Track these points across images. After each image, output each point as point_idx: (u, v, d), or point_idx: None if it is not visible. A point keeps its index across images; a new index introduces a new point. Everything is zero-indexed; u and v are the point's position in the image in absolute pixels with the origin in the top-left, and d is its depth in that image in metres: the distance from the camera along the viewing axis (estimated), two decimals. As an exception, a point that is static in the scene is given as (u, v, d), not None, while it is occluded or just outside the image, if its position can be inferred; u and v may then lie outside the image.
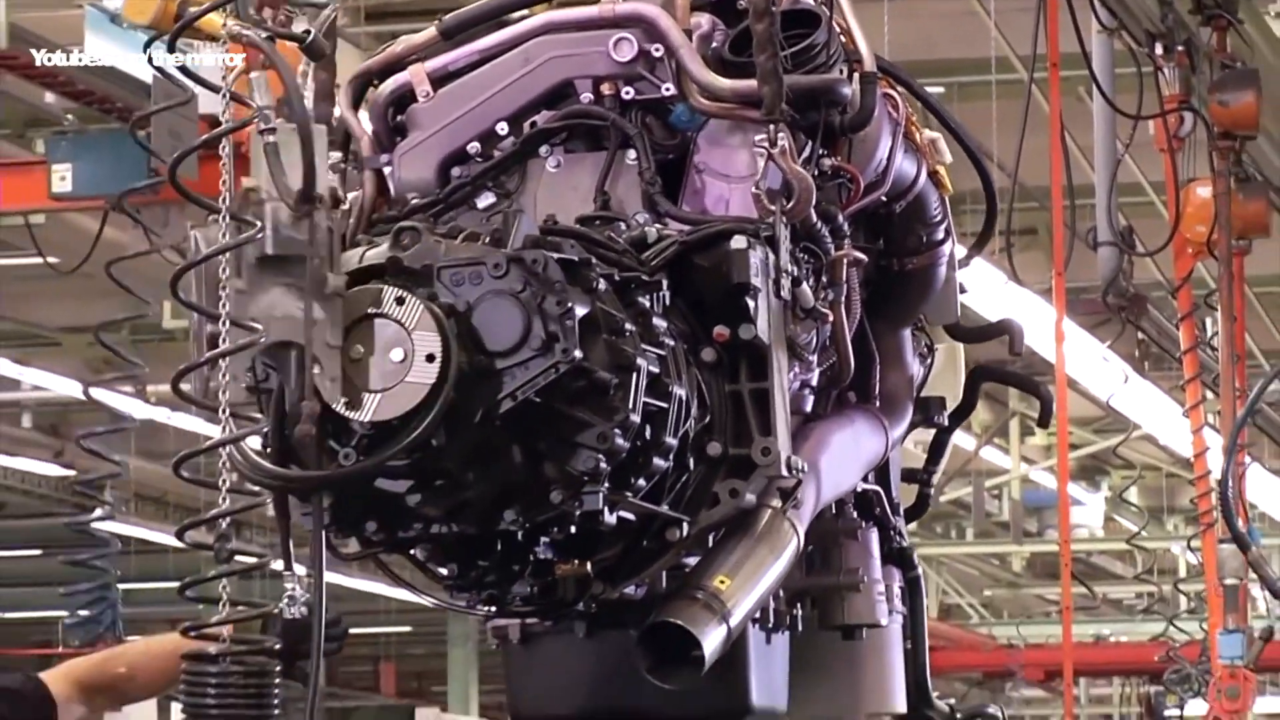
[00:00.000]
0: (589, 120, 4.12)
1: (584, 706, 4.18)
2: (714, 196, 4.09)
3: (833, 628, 4.49)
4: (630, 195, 4.05)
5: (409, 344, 3.51)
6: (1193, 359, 14.22)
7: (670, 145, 4.13)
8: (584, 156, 4.12)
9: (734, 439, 3.88)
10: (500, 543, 3.74)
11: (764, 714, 4.23)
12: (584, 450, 3.61)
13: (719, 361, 3.89)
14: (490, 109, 4.15)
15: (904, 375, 4.74)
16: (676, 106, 4.10)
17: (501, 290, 3.57)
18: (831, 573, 4.42)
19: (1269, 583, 12.83)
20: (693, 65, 4.04)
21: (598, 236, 3.84)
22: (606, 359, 3.62)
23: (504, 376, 3.55)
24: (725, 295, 3.90)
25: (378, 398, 3.50)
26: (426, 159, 4.17)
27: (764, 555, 3.85)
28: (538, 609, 3.92)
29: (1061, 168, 13.71)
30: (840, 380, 4.39)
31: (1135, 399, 17.95)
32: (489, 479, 3.61)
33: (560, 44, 4.14)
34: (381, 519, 3.68)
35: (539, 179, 4.12)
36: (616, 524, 3.72)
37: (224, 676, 3.77)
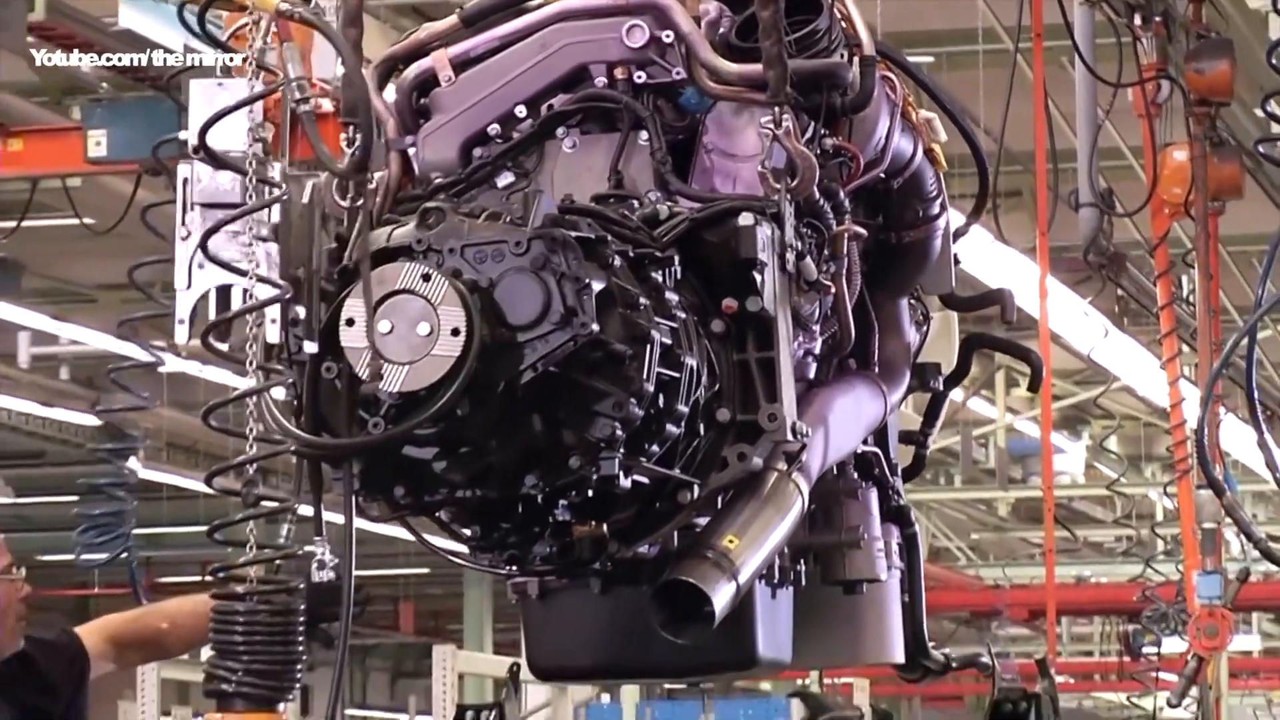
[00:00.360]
0: (603, 103, 4.12)
1: (599, 659, 4.21)
2: (722, 175, 4.09)
3: (834, 583, 4.49)
4: (643, 174, 4.06)
5: (435, 319, 3.51)
6: (1170, 314, 14.24)
7: (680, 127, 4.12)
8: (598, 138, 4.12)
9: (742, 405, 3.89)
10: (521, 506, 3.73)
11: (769, 665, 4.27)
12: (601, 418, 3.62)
13: (727, 332, 3.90)
14: (509, 93, 4.14)
15: (901, 343, 4.74)
16: (686, 90, 4.10)
17: (523, 267, 3.59)
18: (833, 530, 4.43)
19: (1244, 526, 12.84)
20: (701, 50, 4.04)
21: (612, 215, 3.84)
22: (622, 331, 3.62)
23: (525, 349, 3.56)
24: (734, 269, 3.90)
25: (405, 369, 3.52)
26: (449, 140, 4.16)
27: (770, 515, 3.86)
28: (556, 568, 3.91)
29: (1045, 133, 13.74)
30: (841, 348, 4.39)
31: (1115, 352, 17.95)
32: (511, 446, 3.61)
33: (575, 31, 4.13)
34: (409, 484, 3.68)
35: (556, 159, 4.11)
36: (631, 487, 3.72)
37: (251, 614, 3.78)
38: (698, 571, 3.72)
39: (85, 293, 21.13)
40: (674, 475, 3.80)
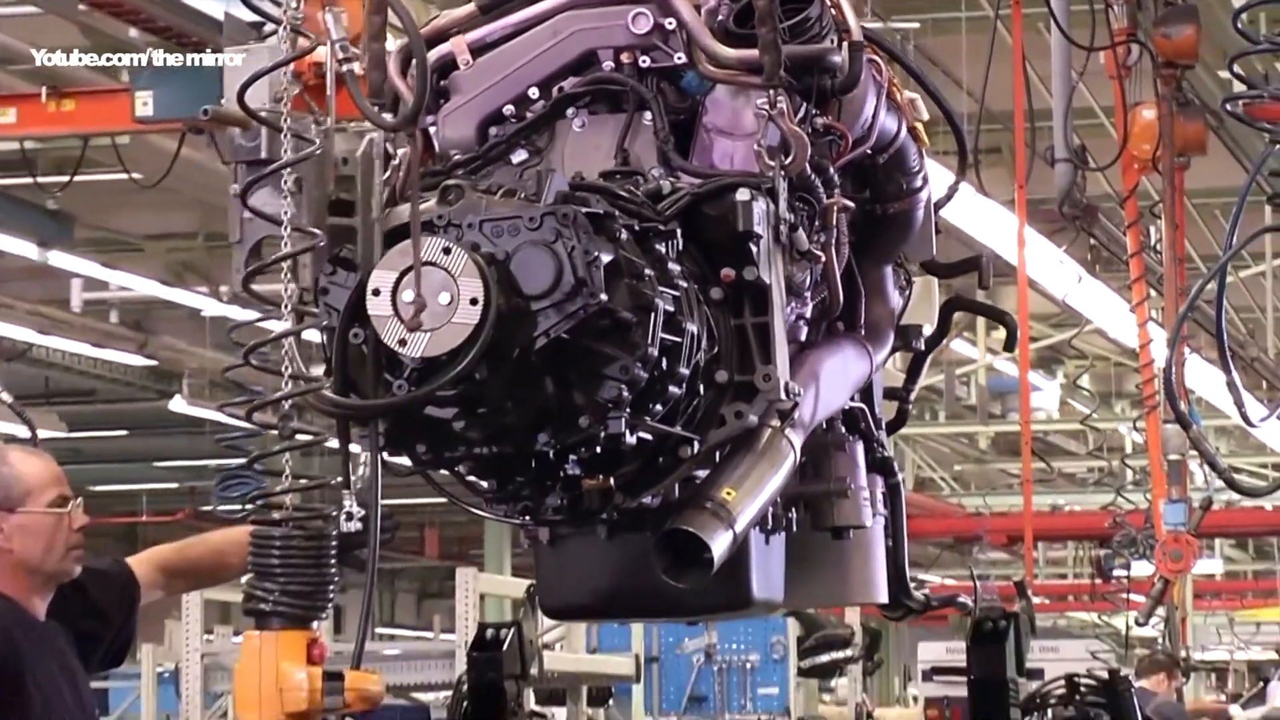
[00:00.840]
0: (610, 86, 4.12)
1: (604, 600, 4.26)
2: (720, 153, 4.08)
3: (823, 529, 4.50)
4: (647, 152, 4.05)
5: (455, 289, 3.52)
6: (1138, 262, 14.26)
7: (682, 108, 4.12)
8: (606, 118, 4.12)
9: (739, 367, 3.90)
10: (534, 461, 3.75)
11: (763, 605, 4.31)
12: (609, 381, 3.63)
13: (725, 299, 3.91)
14: (523, 76, 4.15)
15: (886, 306, 4.75)
16: (687, 73, 4.10)
17: (536, 241, 3.59)
18: (822, 481, 4.43)
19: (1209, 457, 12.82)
20: (702, 37, 4.04)
21: (619, 191, 3.84)
22: (628, 300, 3.63)
23: (538, 317, 3.57)
24: (731, 241, 3.91)
25: (427, 336, 3.53)
26: (467, 120, 4.17)
27: (765, 469, 3.87)
28: (566, 518, 3.93)
29: (1023, 94, 13.75)
30: (830, 312, 4.40)
31: (1087, 297, 17.92)
32: (525, 406, 3.62)
33: (585, 18, 4.14)
34: (430, 441, 3.70)
35: (566, 138, 4.12)
36: (636, 444, 3.73)
37: (287, 539, 3.78)
38: (698, 521, 3.73)
39: (133, 242, 21.11)
40: (675, 432, 3.81)
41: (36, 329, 20.18)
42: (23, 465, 5.27)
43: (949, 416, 27.09)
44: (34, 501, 5.18)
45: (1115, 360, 23.67)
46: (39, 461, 5.33)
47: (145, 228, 20.71)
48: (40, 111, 14.78)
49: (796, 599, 4.54)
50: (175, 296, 21.11)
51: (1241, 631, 24.82)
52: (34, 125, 15.06)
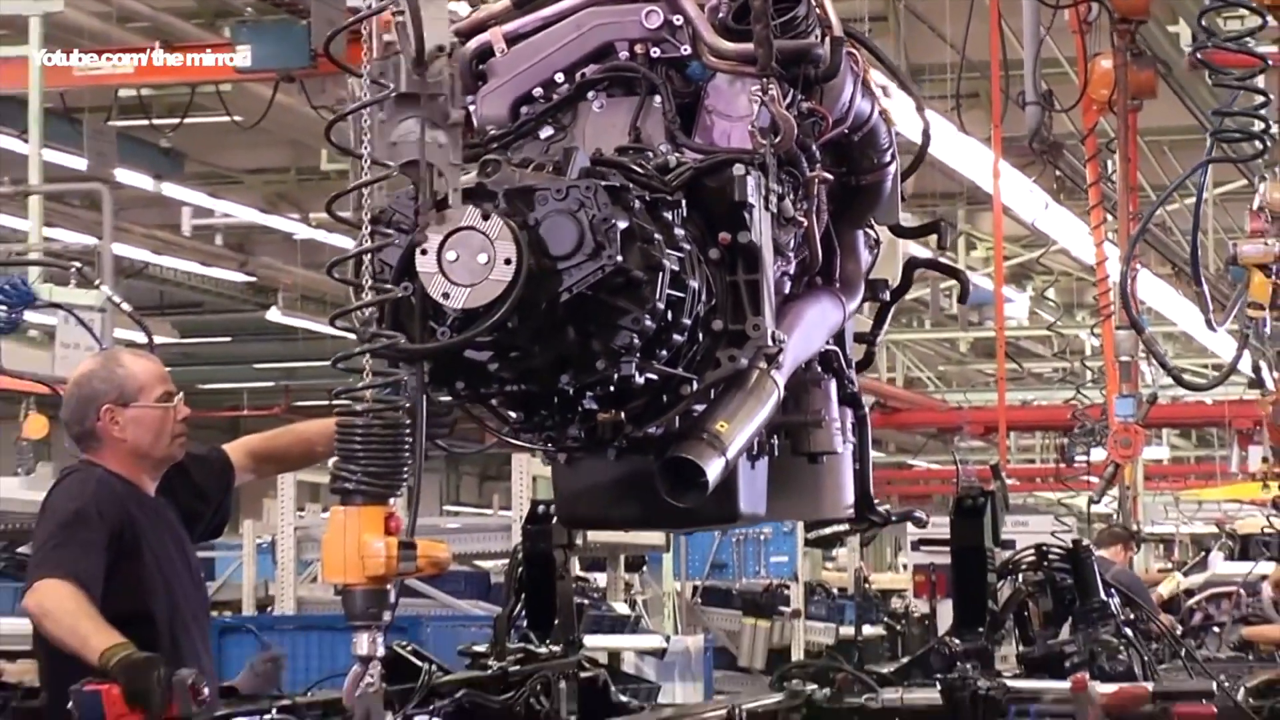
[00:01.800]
0: (625, 73, 4.13)
1: (613, 513, 4.29)
2: (719, 132, 4.09)
3: (801, 454, 4.52)
4: (656, 131, 4.06)
5: (492, 250, 3.53)
6: (1096, 191, 14.31)
7: (686, 93, 4.12)
8: (621, 100, 4.12)
9: (732, 317, 3.91)
10: (556, 398, 3.77)
11: (749, 518, 4.31)
12: (622, 330, 3.65)
13: (722, 259, 3.91)
14: (550, 63, 4.16)
15: (857, 264, 4.75)
16: (692, 63, 4.11)
17: (562, 210, 3.60)
18: (801, 413, 4.44)
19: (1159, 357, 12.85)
20: (704, 32, 4.05)
21: (633, 165, 3.84)
22: (640, 261, 3.64)
23: (563, 275, 3.58)
24: (728, 209, 3.92)
25: (467, 290, 3.54)
26: (501, 100, 4.17)
27: (753, 405, 3.88)
28: (583, 446, 3.94)
29: (998, 46, 13.74)
30: (810, 269, 4.40)
31: (1053, 221, 17.91)
32: (550, 351, 3.65)
33: (604, 14, 4.15)
34: (469, 379, 3.72)
35: (586, 117, 4.12)
36: (644, 383, 3.75)
37: (368, 427, 3.78)
38: (696, 449, 3.75)
39: (234, 175, 21.13)
40: (677, 373, 3.82)
41: (152, 250, 20.23)
42: (134, 366, 5.34)
43: (933, 324, 27.11)
44: (145, 397, 5.26)
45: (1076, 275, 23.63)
46: (147, 362, 5.41)
47: (244, 163, 20.75)
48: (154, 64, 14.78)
49: (777, 513, 4.53)
50: (271, 222, 21.17)
51: (1185, 509, 24.76)
52: (149, 76, 15.08)
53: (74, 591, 4.96)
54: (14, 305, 9.37)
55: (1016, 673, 5.91)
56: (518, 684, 4.39)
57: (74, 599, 4.95)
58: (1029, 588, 6.47)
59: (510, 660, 4.56)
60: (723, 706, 4.85)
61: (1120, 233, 14.16)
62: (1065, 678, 5.45)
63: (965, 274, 5.41)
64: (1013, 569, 6.44)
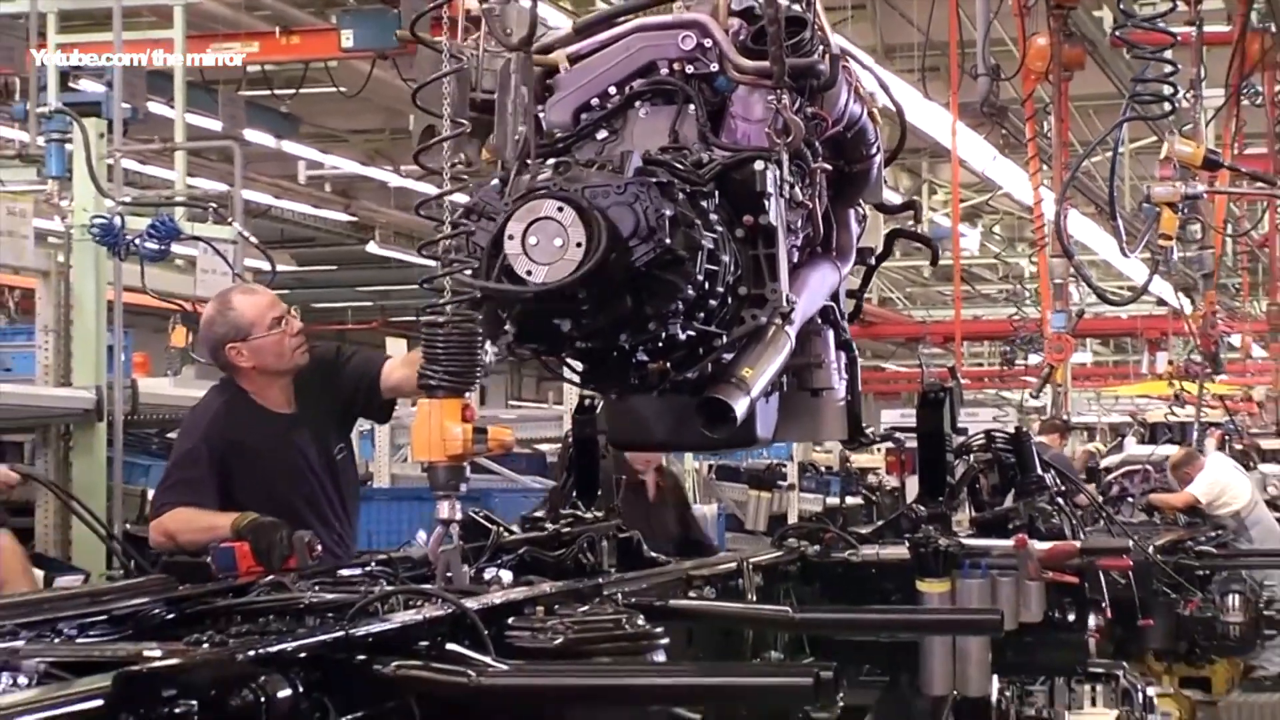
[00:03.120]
0: (666, 86, 4.12)
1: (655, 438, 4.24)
2: (742, 134, 4.09)
3: (805, 390, 4.55)
4: (690, 133, 4.05)
5: (566, 235, 3.54)
6: (1034, 145, 14.28)
7: (715, 102, 4.11)
8: (662, 108, 4.10)
9: (754, 284, 3.92)
10: (616, 352, 3.78)
11: (763, 441, 4.33)
12: (670, 298, 3.66)
13: (746, 238, 3.91)
14: (605, 78, 4.15)
15: (849, 235, 4.75)
16: (719, 78, 4.10)
17: (623, 201, 3.61)
18: (805, 356, 4.46)
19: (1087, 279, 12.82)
20: (729, 52, 4.05)
21: (676, 163, 3.84)
22: (684, 242, 3.64)
23: (624, 255, 3.59)
24: (751, 197, 3.92)
25: (546, 267, 3.55)
26: (565, 109, 4.16)
27: (772, 354, 3.90)
28: (635, 388, 3.94)
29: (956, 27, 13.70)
30: (814, 242, 4.40)
31: (1000, 170, 17.91)
32: (612, 316, 3.65)
33: (648, 39, 4.14)
34: (546, 339, 3.74)
35: (634, 122, 4.11)
36: (685, 338, 3.77)
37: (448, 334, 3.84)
38: (726, 391, 3.77)
39: (339, 135, 21.16)
40: (711, 330, 3.83)
41: (274, 195, 20.32)
42: (242, 304, 5.38)
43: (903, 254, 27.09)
44: (258, 329, 5.31)
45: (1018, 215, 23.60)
46: (254, 297, 5.45)
47: (348, 125, 20.78)
48: (275, 44, 14.83)
49: (784, 436, 4.53)
50: (369, 173, 21.20)
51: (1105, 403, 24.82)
52: (271, 54, 15.11)
53: (189, 510, 5.04)
54: (163, 239, 9.46)
55: (970, 533, 5.97)
56: (568, 542, 4.39)
57: (190, 513, 5.05)
58: (980, 465, 6.54)
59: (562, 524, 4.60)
60: (733, 560, 4.87)
61: (1054, 179, 14.20)
62: (1009, 537, 5.49)
63: (935, 243, 5.40)
64: (966, 450, 6.51)
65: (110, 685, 2.32)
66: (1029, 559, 5.31)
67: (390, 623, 3.03)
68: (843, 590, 5.44)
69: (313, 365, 5.53)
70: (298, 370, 5.50)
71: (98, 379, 9.52)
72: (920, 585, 5.28)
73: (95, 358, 9.56)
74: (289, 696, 2.53)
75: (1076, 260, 15.36)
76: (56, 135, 9.97)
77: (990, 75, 13.22)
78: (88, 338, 9.60)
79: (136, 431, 10.59)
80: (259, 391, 5.44)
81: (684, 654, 3.85)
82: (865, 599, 5.41)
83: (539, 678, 2.95)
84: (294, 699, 2.55)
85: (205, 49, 14.42)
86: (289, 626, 3.01)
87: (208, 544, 4.61)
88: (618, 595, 3.67)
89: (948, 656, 5.23)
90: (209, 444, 5.28)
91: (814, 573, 5.45)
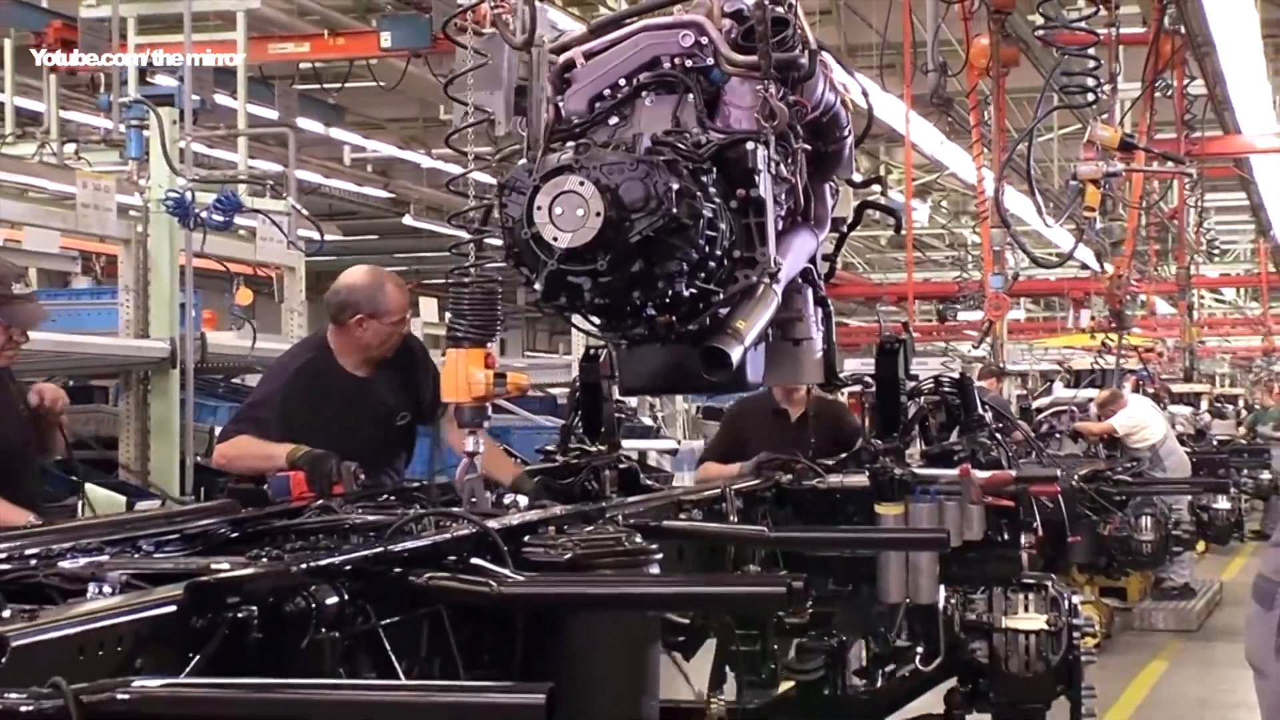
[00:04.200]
0: (668, 78, 4.09)
1: (660, 383, 4.25)
2: (734, 119, 4.06)
3: (788, 340, 4.55)
4: (690, 118, 4.02)
5: (586, 206, 3.53)
6: (978, 131, 14.24)
7: (711, 91, 4.08)
8: (665, 97, 4.08)
9: (745, 248, 3.90)
10: (629, 308, 3.77)
11: (751, 385, 4.35)
12: (675, 260, 3.65)
13: (739, 208, 3.89)
14: (615, 71, 4.12)
15: (825, 207, 4.72)
16: (714, 70, 4.07)
17: (634, 177, 3.59)
18: (788, 311, 4.45)
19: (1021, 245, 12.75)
20: (723, 48, 4.02)
21: (679, 144, 3.82)
22: (687, 212, 3.63)
23: (635, 223, 3.57)
24: (743, 173, 3.90)
25: (570, 234, 3.54)
26: (581, 98, 4.13)
27: (761, 310, 3.89)
28: (646, 338, 3.94)
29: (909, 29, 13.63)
30: (796, 212, 4.38)
31: (946, 153, 17.86)
32: (625, 276, 3.64)
33: (653, 37, 4.12)
34: (568, 295, 3.72)
35: (641, 109, 4.08)
36: (688, 295, 3.76)
37: (472, 292, 3.81)
38: (723, 340, 3.77)
39: (379, 123, 21.04)
40: (710, 288, 3.81)
41: (323, 175, 20.22)
42: (392, 293, 5.30)
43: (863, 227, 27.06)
44: (387, 320, 5.23)
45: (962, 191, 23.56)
46: (400, 293, 5.35)
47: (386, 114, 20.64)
48: (324, 44, 14.76)
49: (770, 379, 4.55)
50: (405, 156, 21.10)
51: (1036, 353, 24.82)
52: (320, 52, 15.04)
53: (249, 439, 5.00)
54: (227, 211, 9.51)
55: (921, 464, 5.96)
56: (576, 472, 4.41)
57: (250, 441, 5.00)
58: (929, 406, 6.55)
59: (571, 456, 4.58)
60: (718, 487, 4.84)
61: (994, 161, 14.15)
62: (954, 468, 5.50)
63: (899, 212, 5.38)
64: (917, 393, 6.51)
65: (182, 593, 2.35)
66: (971, 486, 5.32)
67: (423, 541, 3.04)
68: (812, 513, 5.44)
69: (403, 349, 5.45)
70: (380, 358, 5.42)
71: (171, 332, 9.54)
72: (878, 508, 5.29)
73: (169, 314, 9.59)
74: (336, 603, 2.55)
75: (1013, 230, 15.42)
76: (135, 123, 9.99)
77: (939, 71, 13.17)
78: (163, 296, 9.63)
79: (205, 377, 10.64)
80: (345, 354, 5.38)
81: (675, 567, 3.85)
82: (831, 520, 5.41)
83: (551, 587, 2.97)
84: (340, 605, 2.57)
85: (264, 48, 14.36)
86: (336, 544, 3.02)
87: (262, 470, 4.62)
88: (618, 517, 3.66)
89: (901, 569, 5.25)
90: (285, 393, 5.24)
91: (787, 498, 5.44)
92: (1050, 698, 5.71)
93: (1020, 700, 5.67)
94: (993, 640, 5.67)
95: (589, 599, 2.94)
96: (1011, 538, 5.57)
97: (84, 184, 9.30)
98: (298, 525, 3.36)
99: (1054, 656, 5.59)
